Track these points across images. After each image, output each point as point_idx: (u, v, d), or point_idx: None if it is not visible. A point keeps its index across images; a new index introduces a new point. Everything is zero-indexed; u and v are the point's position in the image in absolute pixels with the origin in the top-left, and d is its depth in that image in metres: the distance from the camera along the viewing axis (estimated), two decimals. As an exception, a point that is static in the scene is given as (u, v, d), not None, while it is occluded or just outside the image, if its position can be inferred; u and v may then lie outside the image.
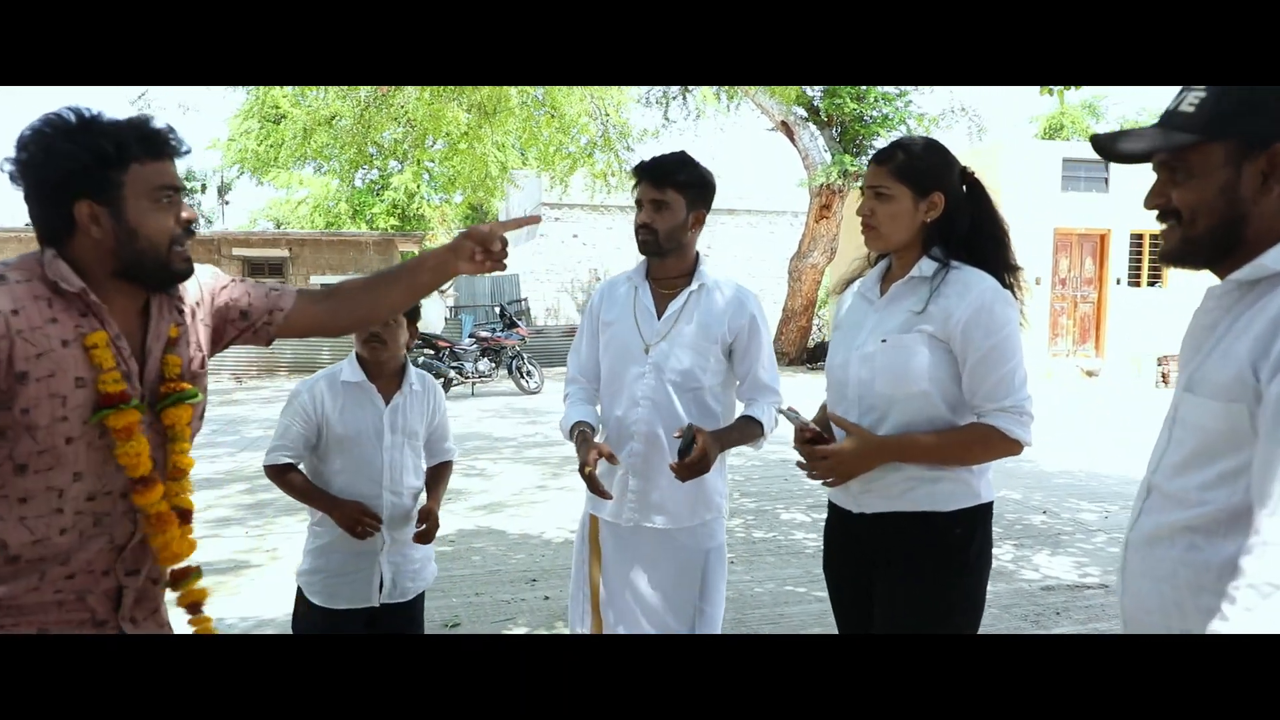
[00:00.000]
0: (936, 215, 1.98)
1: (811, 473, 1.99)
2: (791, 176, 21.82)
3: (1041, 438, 2.06)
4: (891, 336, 1.96)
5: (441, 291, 27.75)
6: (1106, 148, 1.25)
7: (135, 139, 1.45)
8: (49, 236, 1.46)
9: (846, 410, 2.02)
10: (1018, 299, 1.97)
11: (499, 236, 1.68)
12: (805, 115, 17.42)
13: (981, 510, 1.98)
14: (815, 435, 2.00)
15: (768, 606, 4.31)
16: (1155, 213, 1.29)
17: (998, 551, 5.02)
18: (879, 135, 17.20)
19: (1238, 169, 1.20)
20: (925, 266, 1.98)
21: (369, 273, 1.85)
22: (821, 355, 18.01)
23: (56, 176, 1.42)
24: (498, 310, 16.13)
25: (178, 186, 1.51)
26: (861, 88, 16.89)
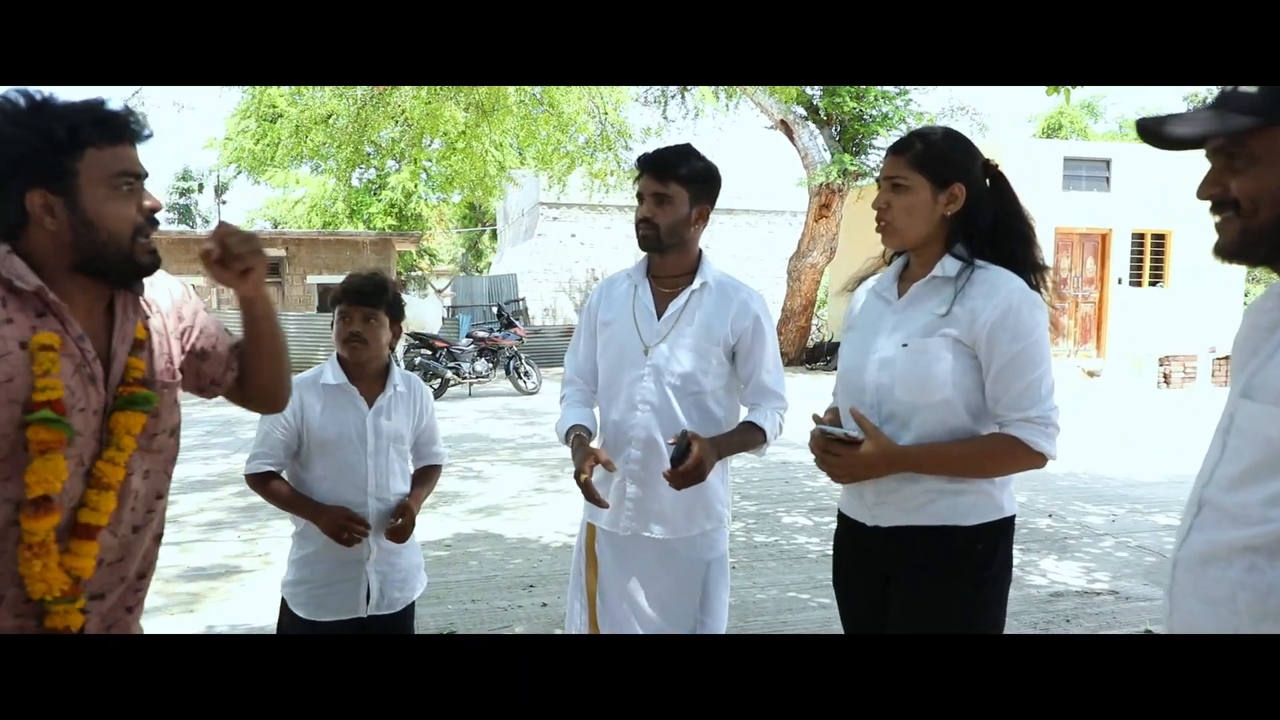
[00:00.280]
0: (957, 208, 1.85)
1: (821, 463, 1.88)
2: (790, 176, 21.71)
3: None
4: (913, 340, 1.84)
5: (439, 291, 27.71)
6: (1154, 132, 1.14)
7: (90, 122, 1.35)
8: (1, 231, 1.36)
9: (864, 415, 1.89)
10: (1046, 301, 1.85)
11: (227, 237, 1.45)
12: (804, 114, 17.32)
13: (1004, 524, 1.87)
14: (847, 439, 1.85)
15: (770, 614, 4.21)
16: (1209, 204, 1.18)
17: (1004, 556, 4.93)
18: (879, 134, 17.11)
19: None
20: (948, 265, 1.86)
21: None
22: (821, 355, 17.92)
23: (5, 165, 1.32)
24: (495, 310, 16.04)
25: (138, 173, 1.40)
26: (861, 86, 16.81)
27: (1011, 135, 24.98)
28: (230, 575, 4.79)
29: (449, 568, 4.89)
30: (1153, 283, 16.55)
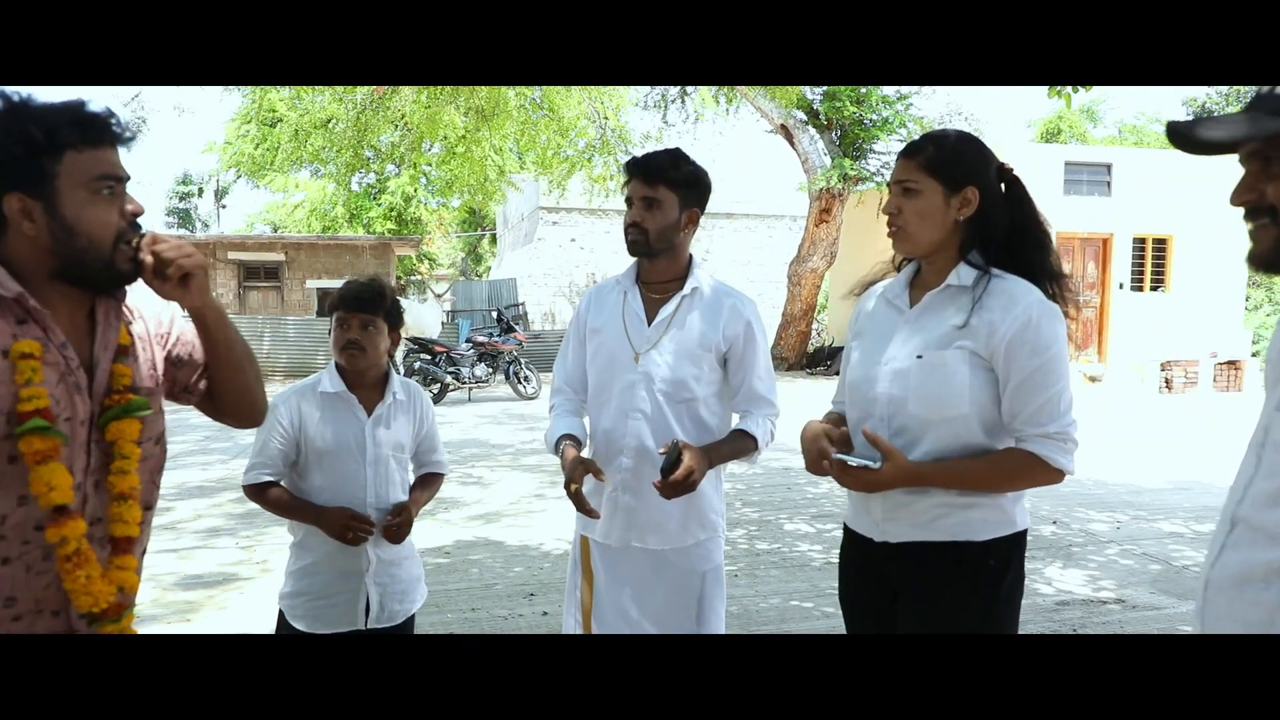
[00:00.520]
0: (970, 213, 1.79)
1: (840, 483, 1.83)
2: (791, 180, 21.67)
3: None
4: (928, 352, 1.78)
5: (438, 296, 27.67)
6: (1185, 135, 1.10)
7: (69, 124, 1.30)
8: None
9: (875, 429, 1.83)
10: (1065, 313, 1.79)
11: (155, 245, 1.38)
12: (805, 119, 17.31)
13: (1016, 538, 1.81)
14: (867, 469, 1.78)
15: (774, 623, 4.16)
16: (1242, 210, 1.14)
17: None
18: (879, 139, 17.10)
19: None
20: (964, 274, 1.80)
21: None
22: (821, 360, 17.88)
23: None
24: (495, 315, 16.01)
25: (120, 176, 1.36)
26: (861, 91, 16.79)
27: (1012, 140, 24.94)
28: (228, 583, 4.74)
29: (449, 575, 4.84)
30: (1154, 288, 16.51)
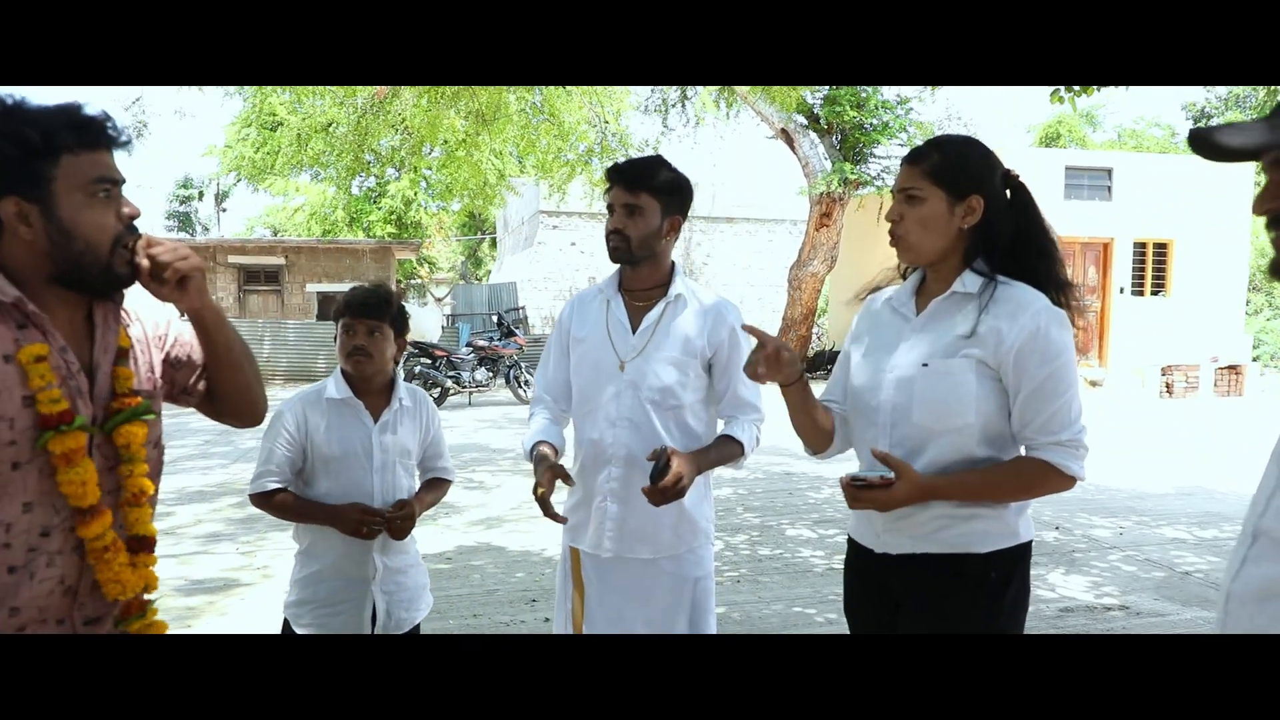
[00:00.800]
0: (975, 221, 1.78)
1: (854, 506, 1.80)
2: (791, 184, 21.64)
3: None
4: (934, 361, 1.76)
5: (438, 300, 27.65)
6: (1207, 142, 1.08)
7: (65, 127, 1.30)
8: None
9: (876, 438, 1.82)
10: (1071, 321, 1.76)
11: (151, 248, 1.39)
12: (805, 123, 17.31)
13: (1020, 550, 1.79)
14: (881, 482, 1.74)
15: (777, 630, 4.14)
16: (1265, 219, 1.12)
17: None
18: (879, 143, 17.10)
19: None
20: (969, 281, 1.78)
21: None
22: (822, 364, 17.87)
23: None
24: (495, 319, 16.00)
25: (116, 179, 1.35)
26: (861, 95, 16.80)
27: (1012, 145, 24.96)
28: (228, 589, 4.73)
29: (450, 581, 4.82)
30: (1155, 292, 16.51)
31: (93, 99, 1.35)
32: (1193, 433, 11.03)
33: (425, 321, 17.42)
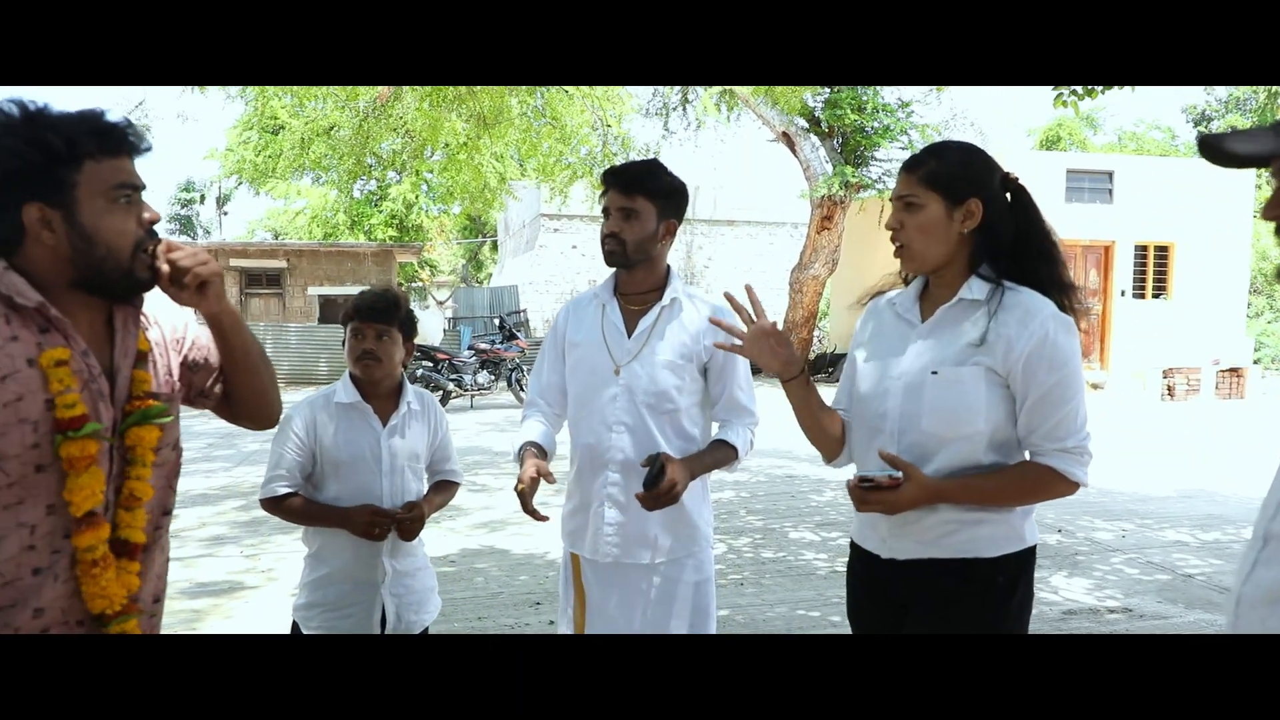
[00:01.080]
0: (975, 225, 1.77)
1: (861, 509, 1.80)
2: (792, 187, 21.65)
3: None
4: (944, 369, 1.76)
5: (440, 303, 27.68)
6: (1216, 149, 1.09)
7: (88, 134, 1.31)
8: None
9: (883, 445, 1.81)
10: (1077, 325, 1.77)
11: (172, 253, 1.39)
12: (806, 126, 17.34)
13: (1025, 555, 1.80)
14: (889, 483, 1.74)
15: (780, 633, 4.15)
16: (1273, 226, 1.13)
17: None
18: (880, 146, 17.13)
19: None
20: (976, 288, 1.78)
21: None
22: (823, 367, 17.87)
23: (1, 177, 1.28)
24: (497, 322, 16.01)
25: (137, 185, 1.36)
26: (862, 98, 16.83)
27: (1013, 148, 24.98)
28: (233, 592, 4.73)
29: (454, 584, 4.83)
30: (1156, 295, 16.52)
31: (93, 100, 1.36)
32: (1194, 435, 11.04)
33: (427, 324, 17.46)
